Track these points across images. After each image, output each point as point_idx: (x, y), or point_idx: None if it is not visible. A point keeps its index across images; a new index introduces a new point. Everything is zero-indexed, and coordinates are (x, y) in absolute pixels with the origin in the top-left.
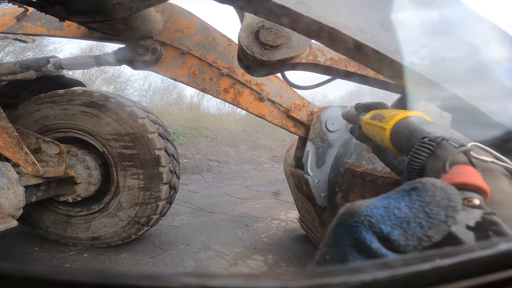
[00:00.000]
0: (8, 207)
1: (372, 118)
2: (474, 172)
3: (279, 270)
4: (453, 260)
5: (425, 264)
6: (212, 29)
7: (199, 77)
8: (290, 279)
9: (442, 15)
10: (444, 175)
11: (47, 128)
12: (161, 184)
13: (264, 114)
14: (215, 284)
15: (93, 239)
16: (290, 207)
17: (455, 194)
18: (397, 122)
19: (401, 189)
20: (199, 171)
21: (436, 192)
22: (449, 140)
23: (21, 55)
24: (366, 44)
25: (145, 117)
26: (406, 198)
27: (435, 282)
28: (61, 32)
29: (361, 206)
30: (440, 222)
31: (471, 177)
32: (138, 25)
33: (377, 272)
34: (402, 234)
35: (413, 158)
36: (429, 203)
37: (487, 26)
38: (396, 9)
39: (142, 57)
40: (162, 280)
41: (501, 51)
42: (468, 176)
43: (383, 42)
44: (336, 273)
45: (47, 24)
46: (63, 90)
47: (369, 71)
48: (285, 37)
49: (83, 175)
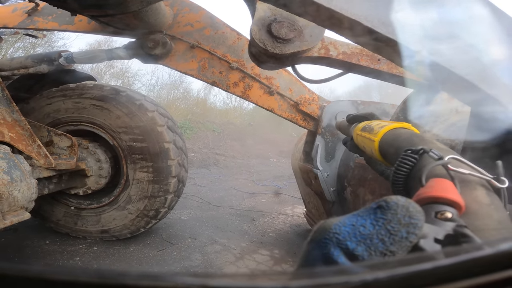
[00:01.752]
0: (21, 199)
1: (362, 129)
2: (450, 185)
3: (281, 269)
4: (454, 260)
5: (426, 263)
6: (221, 23)
7: (208, 71)
8: (291, 279)
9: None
10: (421, 188)
11: (59, 121)
12: (170, 177)
13: (274, 107)
14: (216, 284)
15: (103, 232)
16: (296, 202)
17: (417, 212)
18: (385, 134)
19: (369, 207)
20: (206, 165)
21: (398, 210)
22: (429, 152)
23: (31, 51)
24: (389, 37)
25: (155, 111)
26: (372, 216)
27: (435, 281)
28: (72, 27)
29: (331, 224)
30: (402, 238)
31: (445, 191)
32: (149, 18)
33: (378, 271)
34: (366, 250)
35: (396, 169)
36: (391, 220)
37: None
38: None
39: (152, 51)
40: (162, 280)
41: None
42: (442, 189)
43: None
44: (337, 273)
45: (58, 19)
46: (74, 84)
47: (382, 65)
48: (297, 30)
49: (93, 168)
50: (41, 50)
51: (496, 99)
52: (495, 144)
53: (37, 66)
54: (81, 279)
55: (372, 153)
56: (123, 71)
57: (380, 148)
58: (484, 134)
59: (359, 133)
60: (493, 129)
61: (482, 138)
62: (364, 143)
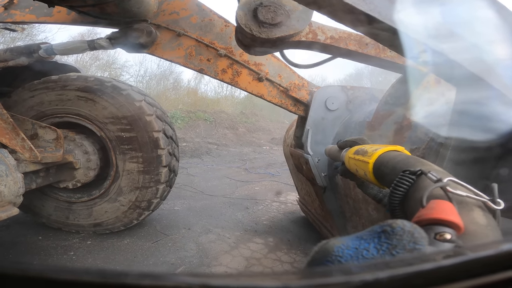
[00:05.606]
0: (8, 194)
1: (355, 153)
2: (449, 207)
3: (275, 257)
4: (455, 260)
5: (427, 264)
6: (208, 10)
7: (196, 58)
8: (291, 279)
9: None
10: (421, 209)
11: (43, 114)
12: (160, 167)
13: (263, 94)
14: (216, 284)
15: (96, 225)
16: (289, 189)
17: (422, 238)
18: (379, 156)
19: (373, 230)
20: (198, 154)
21: (403, 236)
22: (428, 173)
23: (11, 45)
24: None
25: (142, 100)
26: (376, 240)
27: (436, 281)
28: (51, 19)
29: (333, 246)
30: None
31: (445, 213)
32: (131, 7)
33: (379, 271)
34: None
35: (394, 190)
36: (396, 246)
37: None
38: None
39: (136, 40)
40: (162, 280)
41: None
42: (442, 211)
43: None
44: (337, 273)
45: (36, 11)
46: (56, 76)
47: (370, 50)
48: (284, 15)
49: (81, 160)
50: (22, 43)
51: (503, 94)
52: (499, 144)
53: (16, 58)
54: (84, 279)
55: (365, 175)
56: (110, 63)
57: (374, 169)
58: (487, 134)
59: (351, 156)
60: (497, 128)
61: (486, 138)
62: (357, 166)
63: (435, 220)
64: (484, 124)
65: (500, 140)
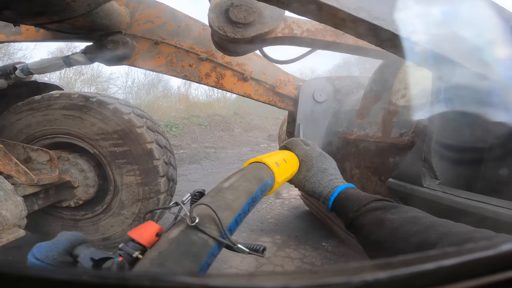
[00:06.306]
0: (12, 217)
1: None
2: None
3: (284, 254)
4: (455, 260)
5: (428, 264)
6: (183, 15)
7: (177, 65)
8: (291, 279)
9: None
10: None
11: (33, 136)
12: (158, 177)
13: (250, 93)
14: (216, 284)
15: (104, 239)
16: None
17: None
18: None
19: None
20: (197, 159)
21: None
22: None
23: None
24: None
25: (130, 113)
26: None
27: (437, 282)
28: (20, 37)
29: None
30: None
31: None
32: (102, 20)
33: (379, 272)
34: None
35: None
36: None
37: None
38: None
39: (113, 52)
40: (162, 280)
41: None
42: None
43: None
44: (338, 273)
45: (4, 30)
46: (39, 96)
47: (348, 39)
48: (256, 13)
49: (79, 178)
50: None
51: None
52: (499, 145)
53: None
54: (83, 279)
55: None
56: (95, 76)
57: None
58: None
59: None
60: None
61: (486, 138)
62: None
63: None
64: (484, 123)
65: (500, 140)
